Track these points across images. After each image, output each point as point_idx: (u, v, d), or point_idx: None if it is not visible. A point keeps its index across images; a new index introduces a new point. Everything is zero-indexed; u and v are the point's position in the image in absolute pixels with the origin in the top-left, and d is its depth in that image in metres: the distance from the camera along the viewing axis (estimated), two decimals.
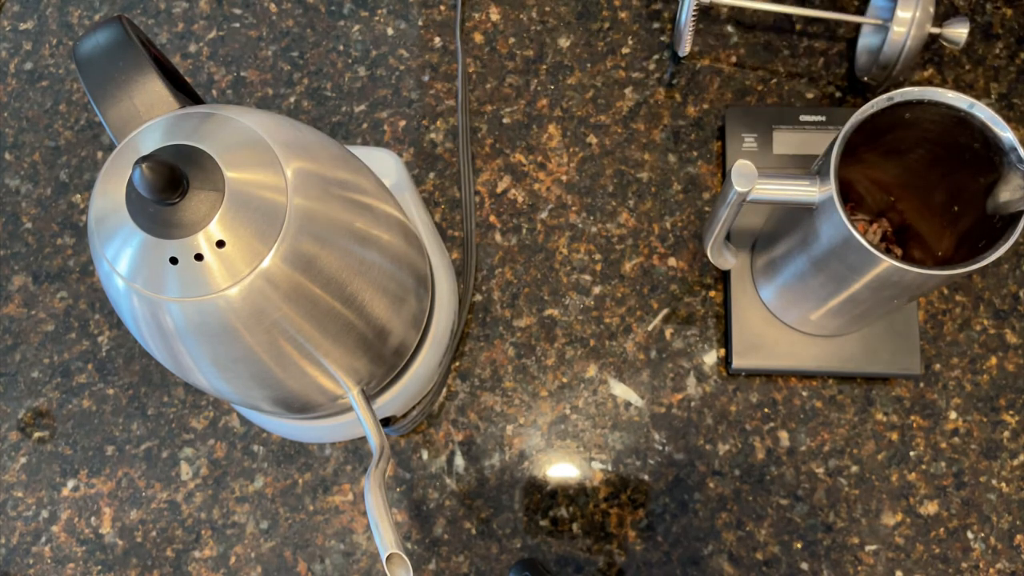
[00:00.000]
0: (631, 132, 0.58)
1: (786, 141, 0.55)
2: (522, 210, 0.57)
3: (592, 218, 0.57)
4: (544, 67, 0.60)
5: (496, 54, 0.60)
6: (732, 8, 0.59)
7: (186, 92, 0.40)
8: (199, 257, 0.31)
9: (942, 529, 0.50)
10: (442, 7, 0.62)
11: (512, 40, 0.61)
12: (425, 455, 0.53)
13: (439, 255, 0.53)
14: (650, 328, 0.55)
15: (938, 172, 0.45)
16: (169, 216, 0.30)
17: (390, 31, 0.62)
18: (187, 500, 0.54)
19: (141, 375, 0.56)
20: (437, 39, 0.61)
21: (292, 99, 0.60)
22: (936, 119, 0.40)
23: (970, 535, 0.50)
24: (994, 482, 0.51)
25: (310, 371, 0.38)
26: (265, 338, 0.34)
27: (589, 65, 0.60)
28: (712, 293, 0.55)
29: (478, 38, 0.61)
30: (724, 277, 0.55)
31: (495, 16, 0.61)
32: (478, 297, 0.56)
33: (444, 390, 0.54)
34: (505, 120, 0.59)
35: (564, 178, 0.57)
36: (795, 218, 0.45)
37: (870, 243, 0.39)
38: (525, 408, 0.54)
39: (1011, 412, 0.52)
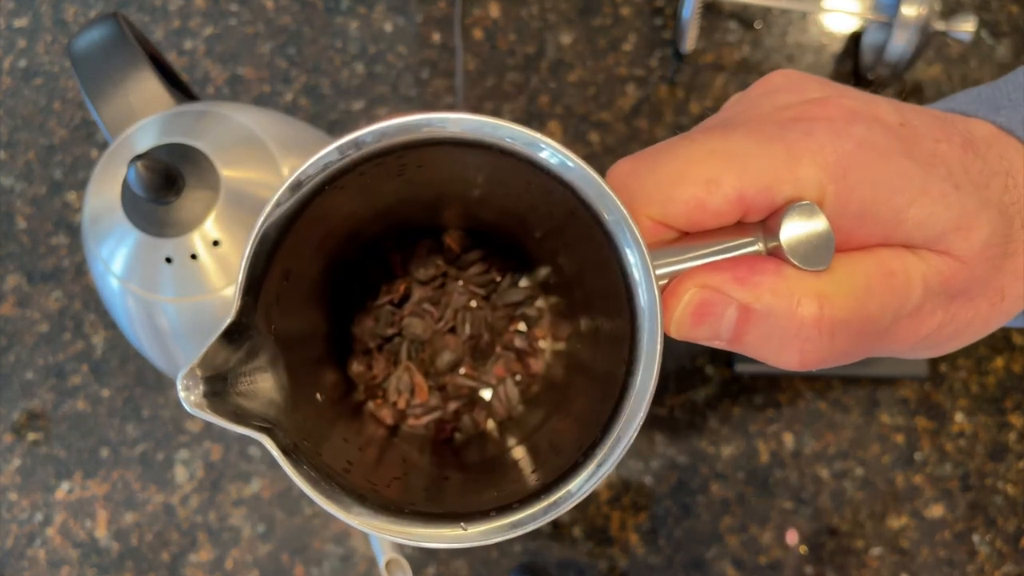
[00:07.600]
0: (633, 130, 0.57)
1: None
2: None
3: None
4: (545, 64, 0.59)
5: (496, 51, 0.60)
6: (735, 4, 0.59)
7: (182, 89, 0.39)
8: (194, 257, 0.30)
9: (947, 532, 0.50)
10: (441, 3, 0.61)
11: (512, 37, 0.60)
12: None
13: None
14: None
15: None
16: (164, 215, 0.30)
17: (388, 27, 0.61)
18: (183, 503, 0.53)
19: (136, 376, 0.55)
20: (436, 35, 0.60)
21: (289, 96, 0.60)
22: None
23: (976, 538, 0.50)
24: (1000, 484, 0.50)
25: None
26: None
27: (590, 62, 0.59)
28: None
29: (478, 34, 0.60)
30: None
31: (495, 12, 0.61)
32: None
33: None
34: (505, 118, 0.58)
35: None
36: None
37: None
38: None
39: (1017, 414, 0.51)
